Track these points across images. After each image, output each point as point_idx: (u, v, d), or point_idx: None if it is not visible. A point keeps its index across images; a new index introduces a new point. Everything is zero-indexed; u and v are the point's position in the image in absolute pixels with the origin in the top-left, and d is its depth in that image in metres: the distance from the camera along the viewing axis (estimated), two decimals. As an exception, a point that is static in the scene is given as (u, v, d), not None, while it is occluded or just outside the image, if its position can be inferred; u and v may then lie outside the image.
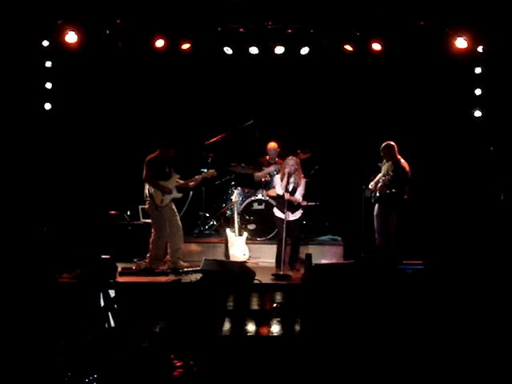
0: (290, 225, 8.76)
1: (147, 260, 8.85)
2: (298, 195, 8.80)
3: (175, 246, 8.89)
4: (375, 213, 9.13)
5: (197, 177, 9.15)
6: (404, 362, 5.48)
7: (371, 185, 9.13)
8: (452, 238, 9.40)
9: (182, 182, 9.05)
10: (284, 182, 8.73)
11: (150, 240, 8.87)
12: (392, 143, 8.95)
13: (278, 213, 8.92)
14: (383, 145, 8.97)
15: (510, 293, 6.77)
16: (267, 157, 10.44)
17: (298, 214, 8.92)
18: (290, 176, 8.73)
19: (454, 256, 8.65)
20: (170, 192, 8.82)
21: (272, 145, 10.36)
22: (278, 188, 8.83)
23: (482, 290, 6.83)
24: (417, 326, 6.22)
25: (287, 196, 8.68)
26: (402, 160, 8.93)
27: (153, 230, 8.85)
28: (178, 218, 8.97)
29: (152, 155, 8.86)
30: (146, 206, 8.90)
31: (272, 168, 10.16)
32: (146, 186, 8.82)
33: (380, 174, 9.10)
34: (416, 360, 5.50)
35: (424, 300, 6.66)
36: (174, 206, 8.94)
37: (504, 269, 7.70)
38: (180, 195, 9.01)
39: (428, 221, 9.95)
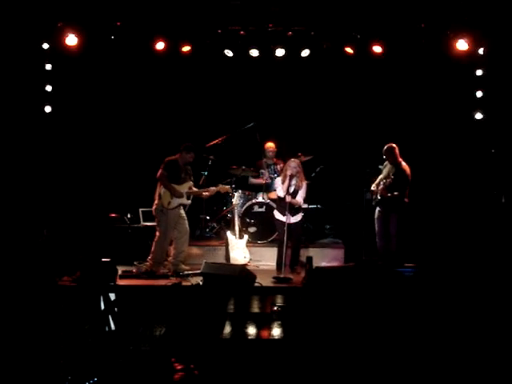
0: (291, 227, 8.74)
1: (148, 263, 8.83)
2: (300, 198, 8.80)
3: (179, 248, 8.87)
4: (376, 216, 9.11)
5: (211, 188, 9.20)
6: (404, 364, 5.47)
7: (373, 187, 9.13)
8: (454, 241, 9.38)
9: (195, 190, 9.08)
10: (285, 185, 8.72)
11: (153, 242, 8.87)
12: (393, 145, 8.95)
13: (278, 215, 8.91)
14: (385, 147, 8.97)
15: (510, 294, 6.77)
16: (264, 159, 10.43)
17: (298, 217, 8.90)
18: (291, 178, 8.72)
19: (455, 258, 8.63)
20: (181, 196, 8.81)
21: (269, 145, 10.37)
22: (280, 190, 8.82)
23: (483, 293, 6.82)
24: (417, 328, 6.21)
25: (288, 198, 8.67)
26: (403, 163, 8.92)
27: (157, 232, 8.85)
28: (187, 222, 8.95)
29: (171, 157, 8.88)
30: (153, 207, 8.88)
31: (266, 175, 10.17)
32: (158, 187, 8.82)
33: (381, 176, 9.10)
34: (416, 362, 5.49)
35: (423, 302, 6.66)
36: (182, 211, 8.92)
37: (506, 271, 7.69)
38: (189, 202, 8.98)
39: (429, 224, 9.93)
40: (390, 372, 5.38)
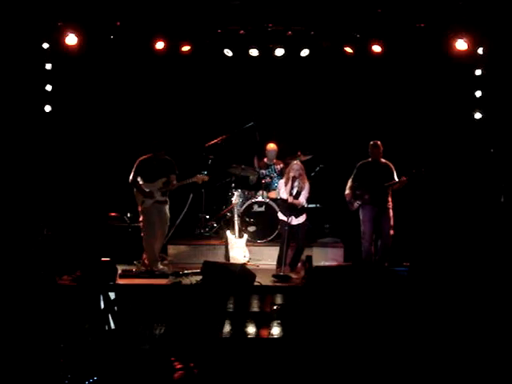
0: (295, 229, 8.75)
1: (146, 262, 8.83)
2: (302, 198, 8.79)
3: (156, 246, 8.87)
4: (364, 218, 8.96)
5: (185, 181, 9.01)
6: (403, 363, 5.48)
7: (347, 190, 9.04)
8: (452, 240, 9.39)
9: (170, 185, 8.88)
10: (288, 187, 8.73)
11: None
12: (378, 142, 8.96)
13: (281, 216, 8.91)
14: (373, 142, 8.97)
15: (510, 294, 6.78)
16: (265, 159, 10.44)
17: (301, 219, 8.87)
18: (294, 180, 8.74)
19: (453, 257, 8.64)
20: (152, 196, 8.75)
21: (271, 146, 10.37)
22: (283, 192, 8.82)
23: (482, 292, 6.83)
24: (415, 326, 6.23)
25: (291, 200, 8.68)
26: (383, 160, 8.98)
27: (141, 233, 8.87)
28: (167, 222, 8.90)
29: (144, 156, 8.85)
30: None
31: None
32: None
33: (350, 181, 9.07)
34: (415, 361, 5.51)
35: (420, 301, 6.68)
36: (164, 209, 8.83)
37: (505, 271, 7.71)
38: (163, 198, 8.84)
39: (428, 222, 9.93)
40: (389, 370, 5.39)
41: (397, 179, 8.84)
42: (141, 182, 8.84)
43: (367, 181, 8.93)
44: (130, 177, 8.82)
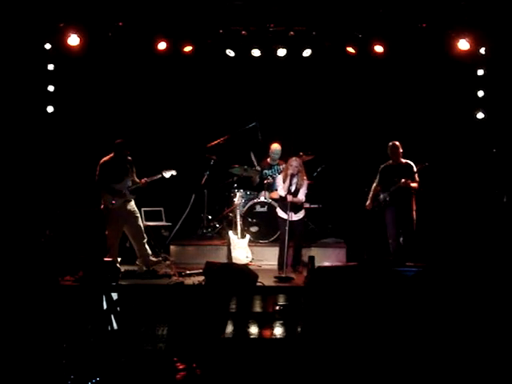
0: (293, 225, 8.73)
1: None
2: (301, 195, 8.78)
3: (138, 246, 8.80)
4: (390, 219, 8.90)
5: (150, 178, 8.87)
6: (406, 364, 5.48)
7: (369, 198, 9.05)
8: (455, 240, 9.38)
9: (136, 181, 8.79)
10: (286, 184, 8.70)
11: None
12: (396, 143, 8.91)
13: (280, 213, 8.90)
14: (392, 143, 8.89)
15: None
16: (268, 159, 10.43)
17: (300, 215, 8.89)
18: (292, 177, 8.69)
19: (456, 258, 8.64)
20: (123, 195, 8.64)
21: (275, 146, 10.35)
22: (281, 189, 8.81)
23: (484, 293, 6.82)
24: (418, 328, 6.22)
25: (290, 198, 8.65)
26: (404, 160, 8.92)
27: (106, 231, 8.75)
28: (139, 219, 8.83)
29: (105, 158, 8.70)
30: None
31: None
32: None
33: (374, 185, 9.03)
34: (418, 363, 5.50)
35: (425, 303, 6.66)
36: (130, 207, 8.72)
37: (507, 271, 7.69)
38: (133, 197, 8.76)
39: (431, 223, 9.92)
40: (393, 372, 5.38)
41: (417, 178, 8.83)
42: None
43: (389, 183, 8.87)
44: (96, 178, 8.60)
